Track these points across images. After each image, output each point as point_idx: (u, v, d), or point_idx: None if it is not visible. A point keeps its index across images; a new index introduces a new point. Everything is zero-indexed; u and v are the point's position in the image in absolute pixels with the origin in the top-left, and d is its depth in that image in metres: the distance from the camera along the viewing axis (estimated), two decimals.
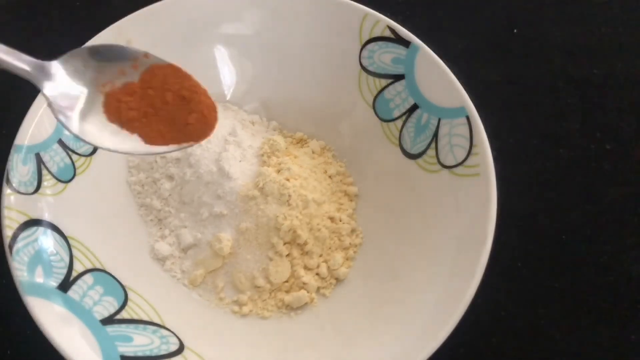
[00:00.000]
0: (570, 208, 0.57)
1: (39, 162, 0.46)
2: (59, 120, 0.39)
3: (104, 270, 0.46)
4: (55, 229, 0.45)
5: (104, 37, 0.51)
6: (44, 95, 0.38)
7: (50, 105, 0.39)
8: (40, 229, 0.44)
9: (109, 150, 0.40)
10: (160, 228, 0.52)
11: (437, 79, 0.49)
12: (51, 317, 0.41)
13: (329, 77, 0.55)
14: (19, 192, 0.44)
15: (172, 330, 0.46)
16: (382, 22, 0.51)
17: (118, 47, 0.42)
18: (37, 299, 0.41)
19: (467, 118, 0.47)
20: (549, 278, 0.53)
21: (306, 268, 0.50)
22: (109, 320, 0.43)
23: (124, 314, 0.45)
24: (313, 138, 0.58)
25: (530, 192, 0.57)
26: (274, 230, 0.49)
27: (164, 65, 0.42)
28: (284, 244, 0.50)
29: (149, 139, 0.41)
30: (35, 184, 0.45)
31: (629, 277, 0.53)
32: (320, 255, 0.51)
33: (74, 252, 0.45)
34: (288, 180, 0.51)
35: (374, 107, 0.54)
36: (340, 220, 0.52)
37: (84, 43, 0.50)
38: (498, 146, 0.47)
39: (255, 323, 0.49)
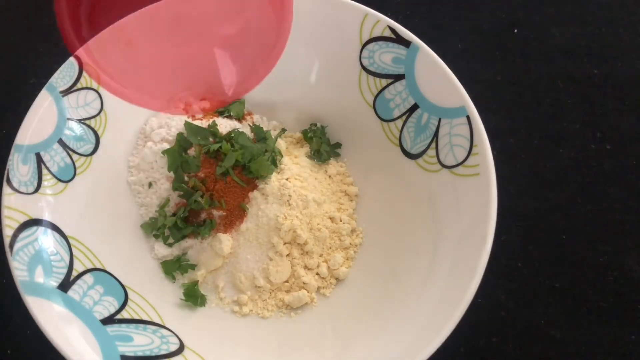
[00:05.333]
0: (570, 208, 0.57)
1: (39, 161, 0.46)
2: None
3: (104, 270, 0.46)
4: (56, 228, 0.45)
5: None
6: None
7: None
8: (41, 229, 0.44)
9: None
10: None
11: (437, 78, 0.49)
12: (51, 317, 0.41)
13: (329, 77, 0.55)
14: (19, 192, 0.44)
15: (172, 330, 0.46)
16: (383, 22, 0.51)
17: None
18: (37, 299, 0.41)
19: (468, 118, 0.47)
20: (549, 278, 0.53)
21: (306, 268, 0.50)
22: (109, 320, 0.43)
23: (124, 314, 0.44)
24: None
25: (530, 192, 0.57)
26: (274, 230, 0.49)
27: None
28: (284, 243, 0.50)
29: None
30: (36, 183, 0.45)
31: (629, 277, 0.53)
32: (321, 255, 0.51)
33: (74, 251, 0.45)
34: (288, 180, 0.51)
35: (374, 107, 0.54)
36: (341, 220, 0.52)
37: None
38: (498, 146, 0.47)
39: (255, 323, 0.49)
